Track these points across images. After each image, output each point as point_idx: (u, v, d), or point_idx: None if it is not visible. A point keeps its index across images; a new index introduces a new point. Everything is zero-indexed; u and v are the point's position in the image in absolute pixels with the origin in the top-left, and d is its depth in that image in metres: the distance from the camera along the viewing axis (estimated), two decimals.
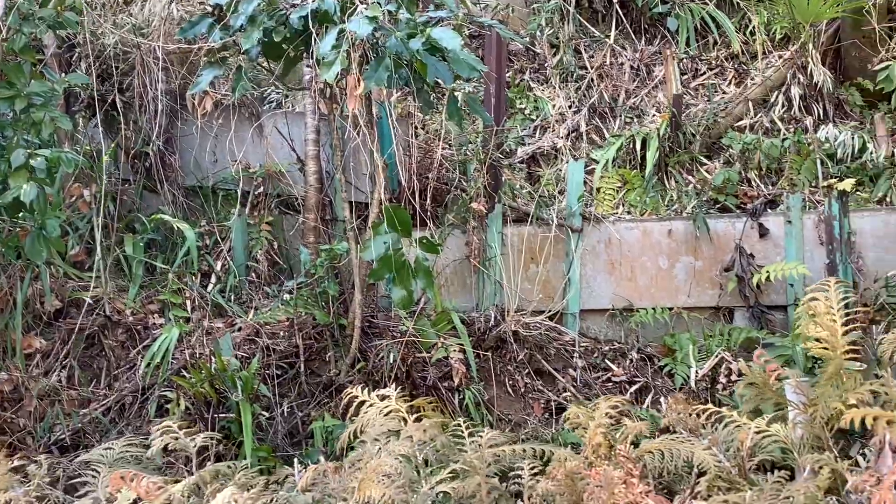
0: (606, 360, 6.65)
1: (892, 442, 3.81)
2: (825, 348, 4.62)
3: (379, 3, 5.29)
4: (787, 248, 6.66)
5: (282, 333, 6.33)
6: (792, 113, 7.91)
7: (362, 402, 5.03)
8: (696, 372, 6.36)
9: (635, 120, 8.14)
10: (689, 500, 4.14)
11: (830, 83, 7.88)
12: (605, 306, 6.88)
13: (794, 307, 6.48)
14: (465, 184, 6.92)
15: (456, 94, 5.94)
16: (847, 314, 4.71)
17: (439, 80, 5.38)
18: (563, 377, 6.49)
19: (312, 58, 5.39)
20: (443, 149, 7.20)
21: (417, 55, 5.25)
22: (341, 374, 6.19)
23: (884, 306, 6.34)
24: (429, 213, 6.75)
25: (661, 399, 6.29)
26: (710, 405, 4.43)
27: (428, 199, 6.69)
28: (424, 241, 5.65)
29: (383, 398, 4.89)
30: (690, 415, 4.61)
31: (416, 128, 7.61)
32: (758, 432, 4.25)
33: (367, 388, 5.89)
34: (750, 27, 8.59)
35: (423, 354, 6.31)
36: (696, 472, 4.37)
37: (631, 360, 6.62)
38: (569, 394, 6.38)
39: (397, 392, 5.11)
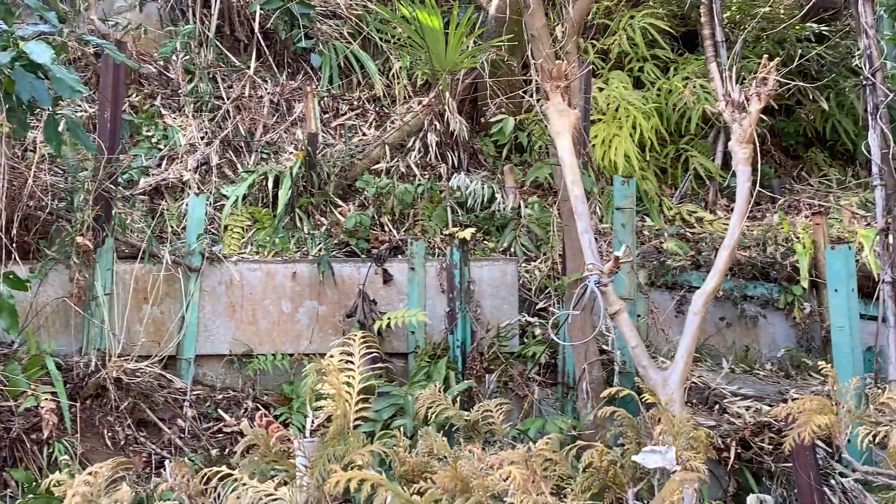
0: (219, 410, 6.24)
1: None
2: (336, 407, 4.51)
3: None
4: (411, 295, 6.62)
5: None
6: (428, 159, 7.96)
7: None
8: (313, 422, 6.09)
9: (272, 156, 7.85)
10: None
11: (466, 132, 8.02)
12: (224, 351, 6.48)
13: (415, 355, 6.47)
14: (70, 215, 6.27)
15: (58, 116, 5.45)
16: (367, 372, 4.64)
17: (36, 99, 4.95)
18: (169, 428, 5.99)
19: None
20: (51, 175, 6.53)
21: (5, 70, 4.77)
22: None
23: (498, 355, 6.43)
24: (28, 246, 6.07)
25: None
26: (223, 467, 4.12)
27: (17, 229, 5.97)
28: (11, 276, 5.19)
29: None
30: (197, 479, 4.24)
31: (24, 150, 6.87)
32: (268, 495, 4.01)
33: None
34: (393, 71, 8.61)
35: (10, 403, 5.61)
36: None
37: (245, 410, 6.25)
38: (174, 447, 5.90)
39: None
